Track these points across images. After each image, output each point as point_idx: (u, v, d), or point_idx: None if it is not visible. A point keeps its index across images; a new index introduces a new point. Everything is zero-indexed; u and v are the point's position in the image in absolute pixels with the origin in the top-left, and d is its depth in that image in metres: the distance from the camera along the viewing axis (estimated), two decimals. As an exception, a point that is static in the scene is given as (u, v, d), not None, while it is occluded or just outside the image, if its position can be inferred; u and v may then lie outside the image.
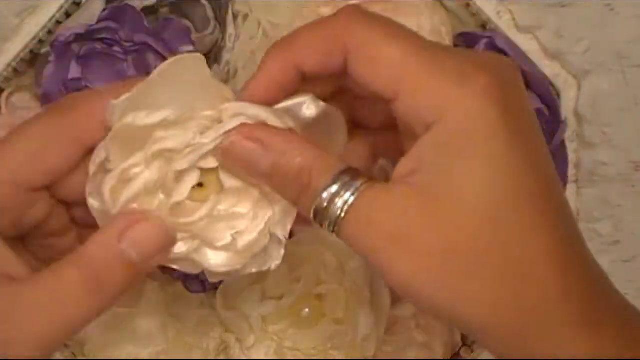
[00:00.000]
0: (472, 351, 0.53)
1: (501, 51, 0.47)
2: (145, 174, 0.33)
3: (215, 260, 0.34)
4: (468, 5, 0.49)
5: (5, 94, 0.49)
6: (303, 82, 0.33)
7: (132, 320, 0.49)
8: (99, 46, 0.46)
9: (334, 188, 0.30)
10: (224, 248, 0.34)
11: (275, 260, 0.34)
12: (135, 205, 0.33)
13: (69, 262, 0.32)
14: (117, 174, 0.33)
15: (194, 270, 0.35)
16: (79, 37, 0.46)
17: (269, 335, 0.49)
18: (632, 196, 0.49)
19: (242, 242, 0.34)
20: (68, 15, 0.48)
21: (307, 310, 0.49)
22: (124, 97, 0.33)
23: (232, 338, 0.50)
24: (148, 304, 0.49)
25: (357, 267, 0.49)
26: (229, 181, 0.34)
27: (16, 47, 0.47)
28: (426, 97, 0.30)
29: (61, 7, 0.47)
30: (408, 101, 0.30)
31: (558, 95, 0.48)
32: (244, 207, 0.34)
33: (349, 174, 0.31)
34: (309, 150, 0.31)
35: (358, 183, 0.30)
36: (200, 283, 0.49)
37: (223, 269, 0.34)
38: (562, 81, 0.48)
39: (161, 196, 0.33)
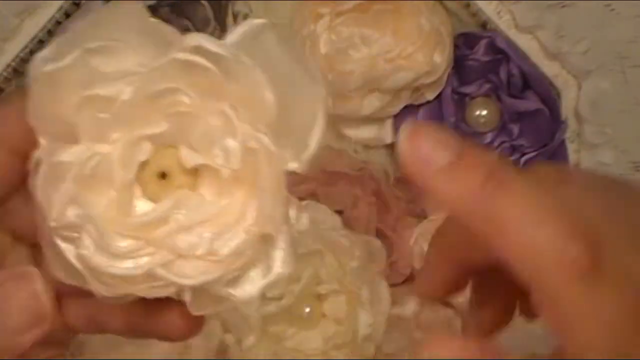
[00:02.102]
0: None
1: (501, 51, 0.47)
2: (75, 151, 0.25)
3: (191, 274, 0.25)
4: (468, 5, 0.49)
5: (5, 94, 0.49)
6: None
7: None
8: (99, 46, 0.46)
9: None
10: (202, 256, 0.25)
11: (277, 266, 0.26)
12: (76, 210, 0.25)
13: None
14: (51, 162, 0.25)
15: (161, 293, 0.26)
16: (79, 37, 0.46)
17: (269, 336, 0.49)
18: (633, 196, 0.48)
19: (225, 246, 0.25)
20: (68, 15, 0.48)
21: (307, 310, 0.49)
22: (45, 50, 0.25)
23: (232, 338, 0.50)
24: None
25: (357, 267, 0.48)
26: (193, 158, 0.26)
27: (16, 47, 0.47)
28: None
29: (61, 7, 0.47)
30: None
31: (558, 95, 0.48)
32: (222, 198, 0.25)
33: None
34: None
35: None
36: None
37: (202, 278, 0.25)
38: (562, 81, 0.48)
39: (111, 192, 0.25)
